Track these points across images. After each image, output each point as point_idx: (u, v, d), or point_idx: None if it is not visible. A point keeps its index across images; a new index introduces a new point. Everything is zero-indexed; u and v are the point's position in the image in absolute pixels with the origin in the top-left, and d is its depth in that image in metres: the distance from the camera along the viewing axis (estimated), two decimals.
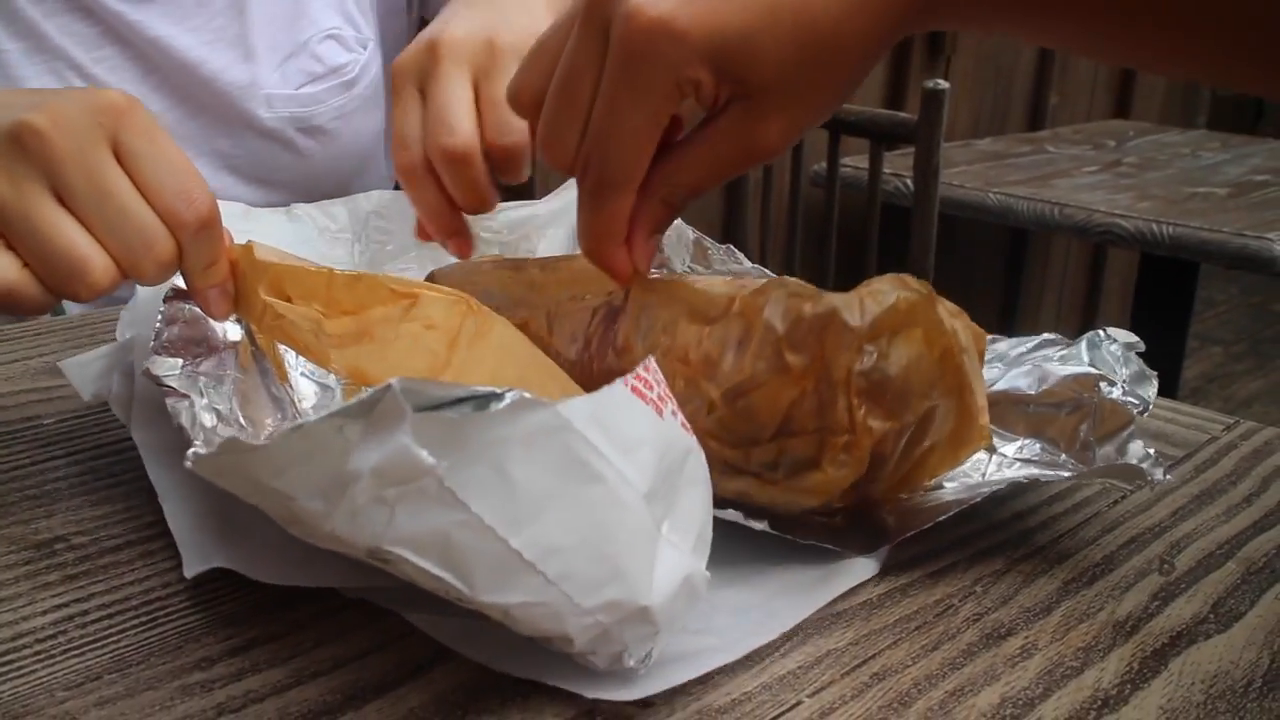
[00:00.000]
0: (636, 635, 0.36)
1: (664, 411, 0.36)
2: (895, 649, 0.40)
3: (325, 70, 0.85)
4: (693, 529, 0.37)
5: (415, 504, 0.32)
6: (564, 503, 0.33)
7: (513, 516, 0.33)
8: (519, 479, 0.33)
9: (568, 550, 0.34)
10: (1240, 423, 0.60)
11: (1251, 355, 3.34)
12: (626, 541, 0.34)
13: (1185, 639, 0.41)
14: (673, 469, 0.36)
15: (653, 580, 0.35)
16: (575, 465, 0.33)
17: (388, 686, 0.37)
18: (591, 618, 0.35)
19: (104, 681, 0.37)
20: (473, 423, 0.32)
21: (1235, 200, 1.68)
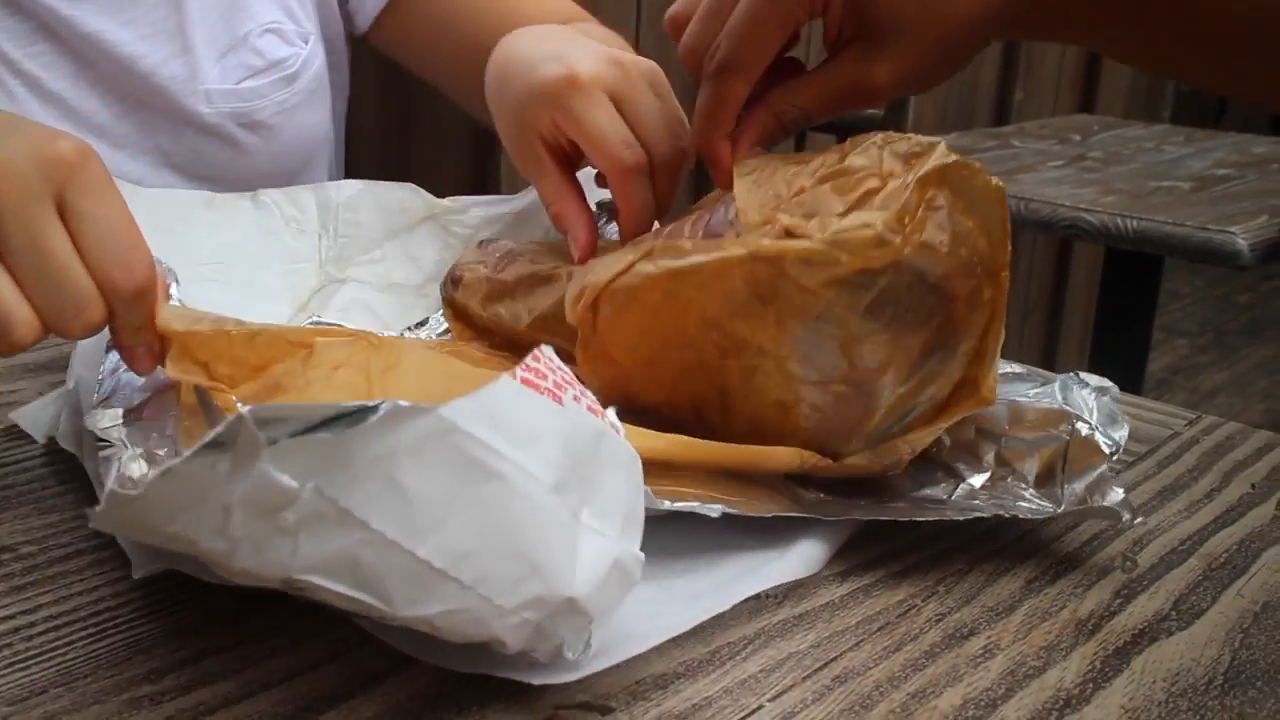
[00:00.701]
0: (570, 627, 0.35)
1: (563, 399, 0.35)
2: (857, 651, 0.40)
3: (266, 64, 0.84)
4: (618, 512, 0.36)
5: (316, 529, 0.32)
6: (464, 505, 0.32)
7: (415, 527, 0.32)
8: (413, 488, 0.32)
9: (478, 552, 0.33)
10: (1203, 418, 0.60)
11: (1216, 347, 3.37)
12: (538, 535, 0.34)
13: (1147, 637, 0.41)
14: (583, 455, 0.35)
15: (575, 570, 0.34)
16: (469, 465, 0.32)
17: (341, 697, 0.37)
18: (517, 616, 0.34)
19: (49, 695, 0.36)
20: (352, 439, 0.31)
21: (1199, 194, 1.69)
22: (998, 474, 0.49)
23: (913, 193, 0.43)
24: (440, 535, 0.32)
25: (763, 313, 0.44)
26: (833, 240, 0.42)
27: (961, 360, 0.46)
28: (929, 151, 0.43)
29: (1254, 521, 0.50)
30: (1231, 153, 2.01)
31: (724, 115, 0.52)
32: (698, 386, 0.47)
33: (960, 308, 0.44)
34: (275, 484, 0.31)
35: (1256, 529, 0.49)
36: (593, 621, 0.35)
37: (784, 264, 0.42)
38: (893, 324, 0.43)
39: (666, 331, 0.46)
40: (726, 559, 0.44)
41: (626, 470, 0.37)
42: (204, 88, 0.82)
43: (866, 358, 0.44)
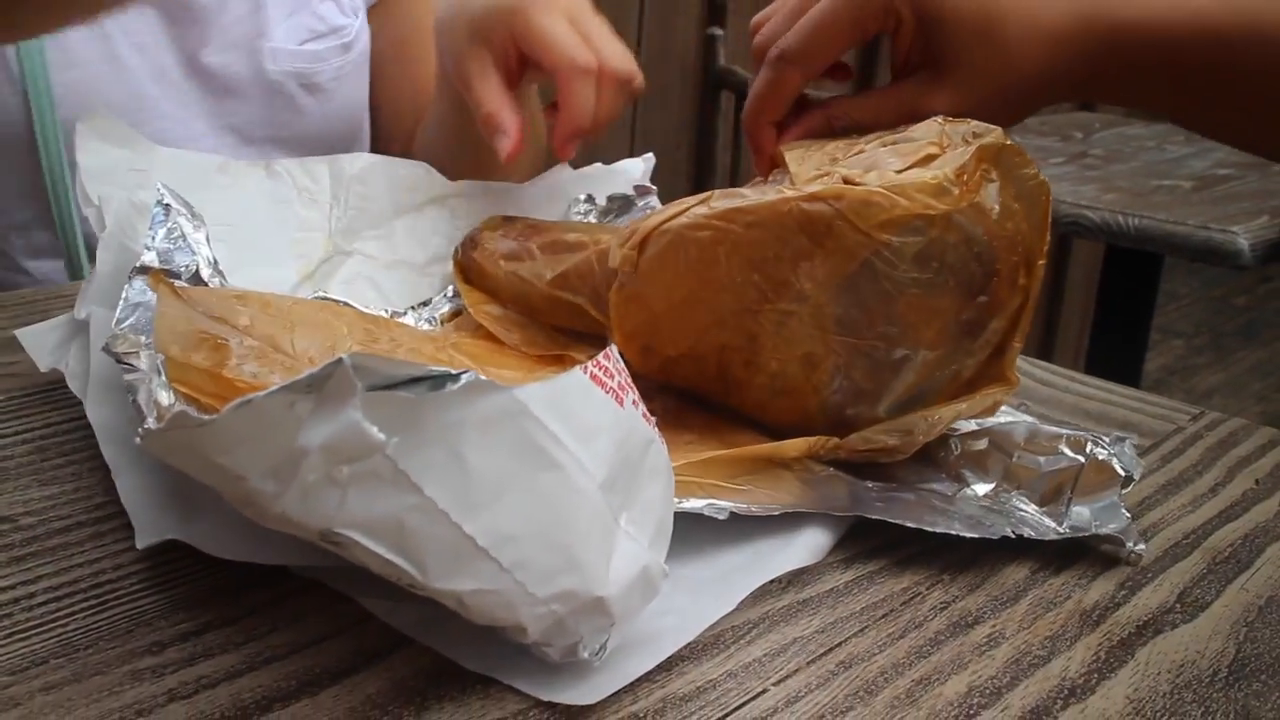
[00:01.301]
0: (591, 626, 0.35)
1: (624, 401, 0.35)
2: (862, 637, 0.40)
3: (327, 29, 0.87)
4: (651, 521, 0.36)
5: (368, 486, 0.32)
6: (520, 489, 0.32)
7: (467, 502, 0.32)
8: (474, 463, 0.32)
9: (522, 538, 0.33)
10: (1206, 413, 0.60)
11: (1212, 348, 3.38)
12: (583, 531, 0.34)
13: (1152, 628, 0.41)
14: (632, 459, 0.35)
15: (609, 571, 0.34)
16: (532, 451, 0.32)
17: (345, 673, 0.36)
18: (545, 607, 0.34)
19: (50, 666, 0.36)
20: (428, 404, 0.31)
21: (1200, 193, 1.69)
22: (1002, 487, 0.48)
23: (972, 157, 0.44)
24: (490, 514, 0.32)
25: (811, 253, 0.44)
26: (892, 185, 0.44)
27: (991, 339, 0.46)
28: (988, 133, 0.46)
29: (1258, 517, 0.49)
30: (1232, 152, 2.01)
31: (776, 101, 0.54)
32: (727, 334, 0.47)
33: (1001, 285, 0.45)
34: (362, 433, 0.31)
35: (1261, 524, 0.49)
36: (614, 624, 0.35)
37: (842, 204, 0.43)
38: (936, 282, 0.44)
39: (708, 272, 0.46)
40: (731, 548, 0.44)
41: (664, 481, 0.37)
42: (271, 45, 0.84)
43: (905, 312, 0.44)
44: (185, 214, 0.52)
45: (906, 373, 0.45)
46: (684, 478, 0.44)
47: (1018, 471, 0.48)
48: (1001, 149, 0.45)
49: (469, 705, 0.35)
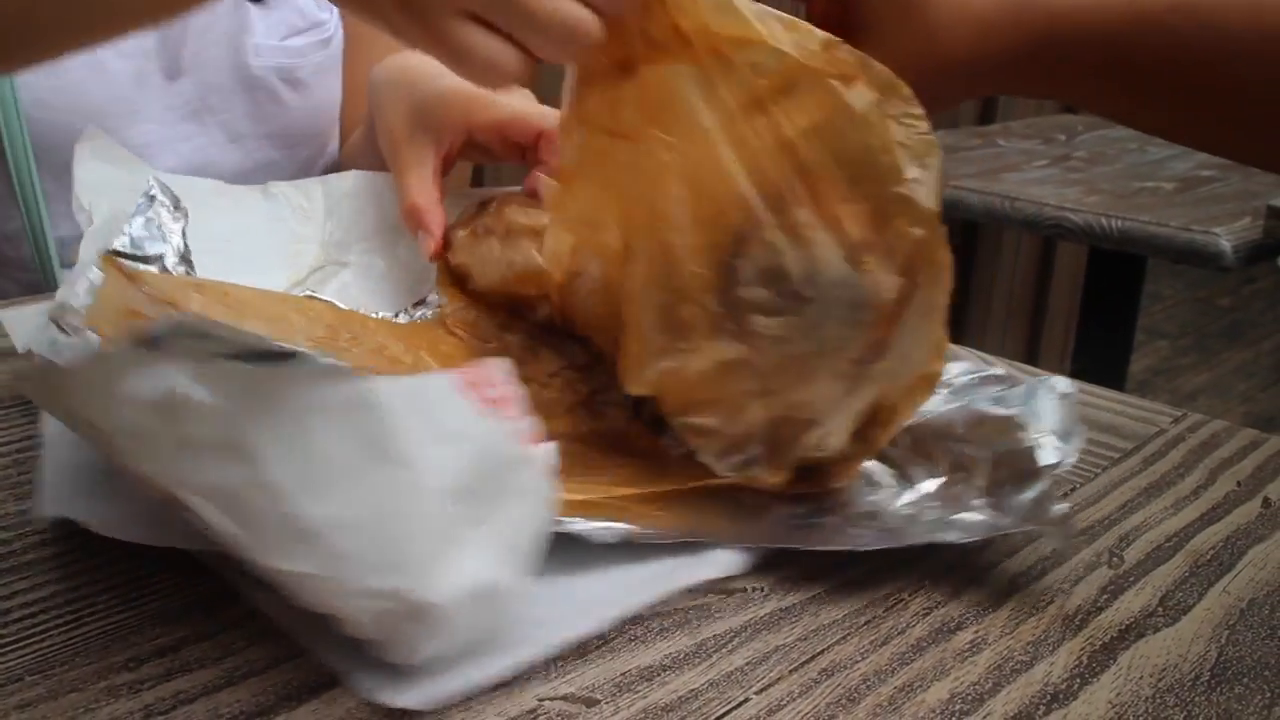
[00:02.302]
0: (420, 633, 0.35)
1: (499, 415, 0.35)
2: (844, 644, 0.40)
3: (307, 24, 0.87)
4: (512, 542, 0.36)
5: (216, 454, 0.32)
6: (358, 479, 0.32)
7: (306, 483, 0.32)
8: (319, 447, 0.32)
9: (354, 528, 0.33)
10: (1188, 415, 0.60)
11: (1197, 349, 3.39)
12: (419, 532, 0.33)
13: (1134, 632, 0.41)
14: (495, 475, 0.35)
15: (445, 580, 0.34)
16: (378, 444, 0.32)
17: (322, 687, 0.36)
18: (372, 601, 0.34)
19: (25, 683, 0.35)
20: (280, 381, 0.31)
21: (1182, 195, 1.69)
22: (952, 480, 0.47)
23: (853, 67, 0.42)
24: (326, 499, 0.32)
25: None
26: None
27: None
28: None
29: (1240, 519, 0.49)
30: None
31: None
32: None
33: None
34: (189, 396, 0.31)
35: (1242, 526, 0.49)
36: (440, 633, 0.35)
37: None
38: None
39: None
40: (635, 565, 0.43)
41: (534, 503, 0.37)
42: (253, 41, 0.84)
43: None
44: (168, 205, 0.53)
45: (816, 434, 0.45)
46: (598, 499, 0.44)
47: (965, 461, 0.47)
48: (892, 83, 0.42)
49: (448, 716, 0.35)
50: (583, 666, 0.38)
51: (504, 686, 0.36)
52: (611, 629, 0.40)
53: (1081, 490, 0.51)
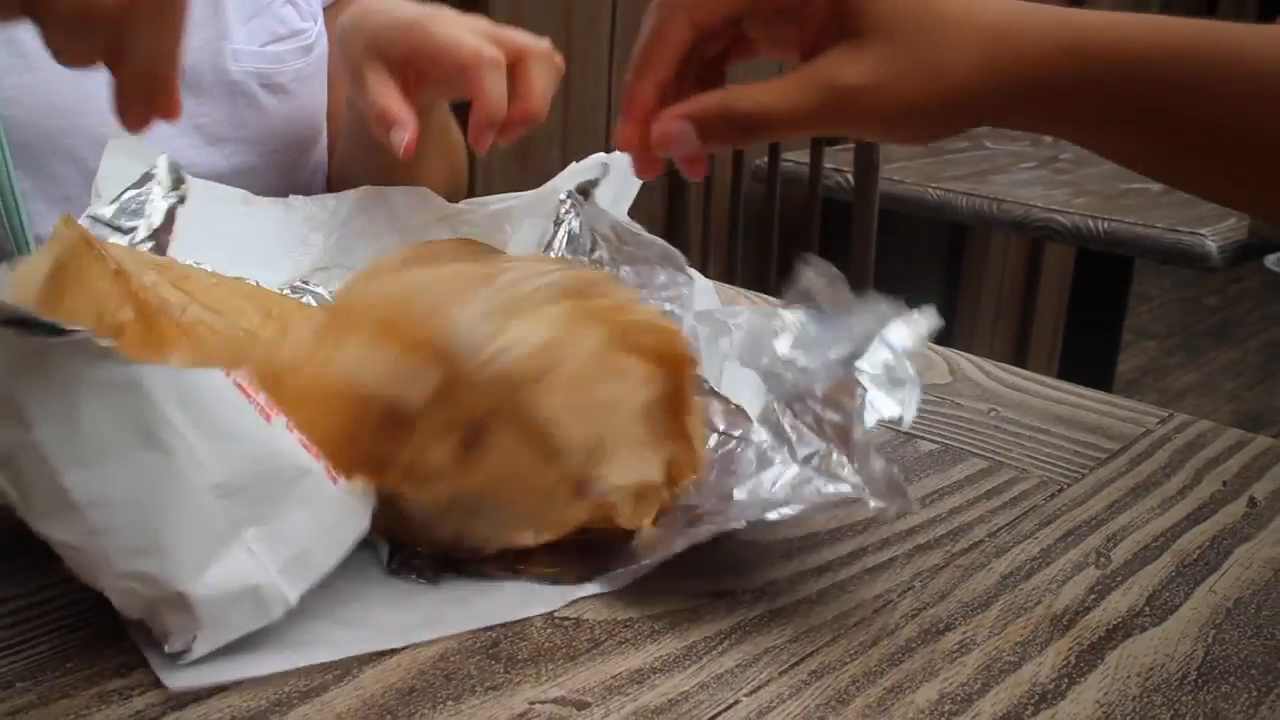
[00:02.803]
0: (177, 622, 0.35)
1: (271, 419, 0.36)
2: (833, 646, 0.40)
3: (287, 32, 0.88)
4: (289, 549, 0.37)
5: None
6: (123, 459, 0.33)
7: (72, 455, 0.33)
8: (87, 422, 0.33)
9: (115, 506, 0.34)
10: (1175, 416, 0.60)
11: (1184, 349, 3.40)
12: (178, 521, 0.34)
13: (1121, 632, 0.41)
14: (273, 480, 0.36)
15: (203, 573, 0.35)
16: (141, 428, 0.33)
17: (315, 691, 0.36)
18: (126, 583, 0.35)
19: (15, 690, 0.35)
20: (57, 353, 0.32)
21: (1169, 196, 1.70)
22: (829, 449, 0.45)
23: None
24: (90, 473, 0.33)
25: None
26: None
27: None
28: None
29: (1226, 518, 0.50)
30: None
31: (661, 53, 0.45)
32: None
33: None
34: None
35: (1228, 526, 0.49)
36: (200, 627, 0.35)
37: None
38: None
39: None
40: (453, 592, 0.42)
41: (316, 514, 0.37)
42: (231, 47, 0.84)
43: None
44: (163, 185, 0.55)
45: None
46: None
47: (831, 429, 0.45)
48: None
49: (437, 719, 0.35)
50: (573, 669, 0.38)
51: (493, 689, 0.37)
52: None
53: (1069, 491, 0.52)
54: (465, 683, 0.37)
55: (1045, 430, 0.58)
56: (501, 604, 0.41)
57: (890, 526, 0.48)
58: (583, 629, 0.40)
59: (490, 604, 0.41)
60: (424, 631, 0.39)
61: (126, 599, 0.35)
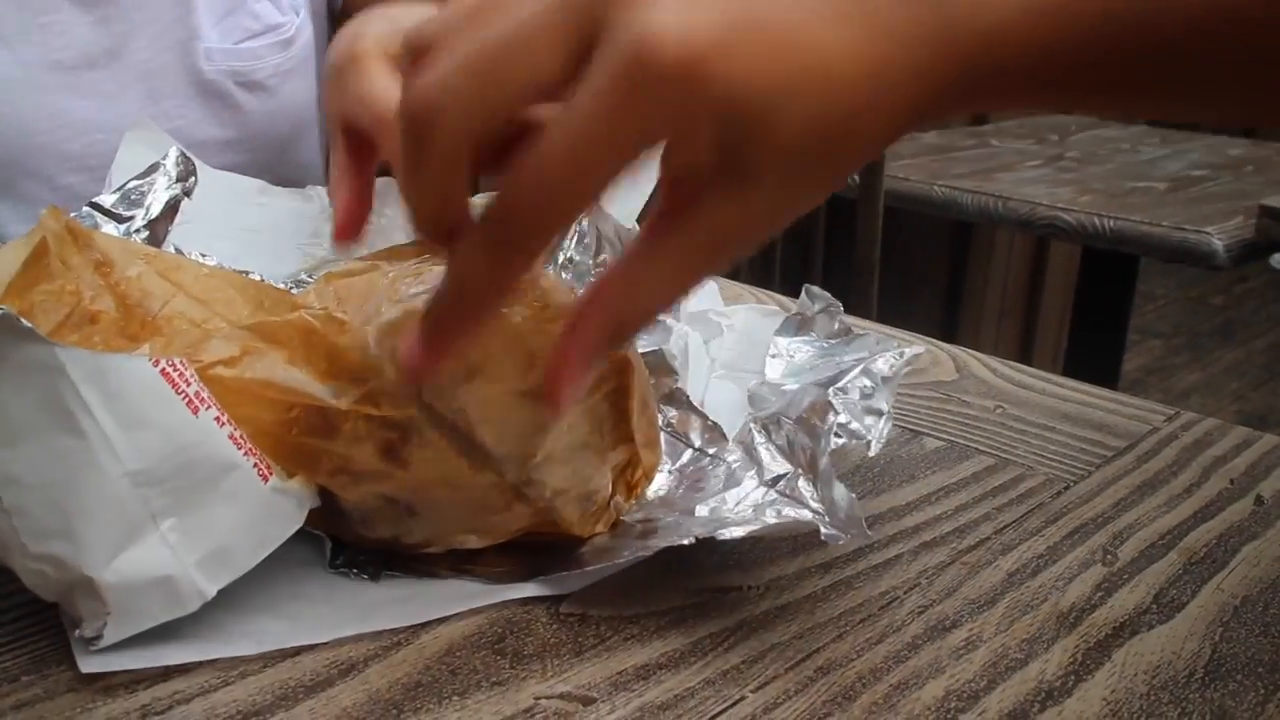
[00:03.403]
0: (88, 608, 0.36)
1: (199, 411, 0.36)
2: (840, 642, 0.40)
3: (263, 28, 0.86)
4: (209, 543, 0.36)
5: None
6: (37, 440, 0.34)
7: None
8: (4, 400, 0.33)
9: (27, 488, 0.34)
10: (1181, 414, 0.60)
11: (1189, 349, 3.40)
12: (90, 507, 0.34)
13: (1128, 629, 0.41)
14: (194, 470, 0.36)
15: (113, 558, 0.35)
16: (58, 410, 0.34)
17: (320, 686, 0.36)
18: (36, 564, 0.35)
19: (21, 684, 0.35)
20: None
21: (1174, 195, 1.70)
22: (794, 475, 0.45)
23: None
24: (5, 452, 0.34)
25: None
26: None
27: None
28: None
29: (1233, 516, 0.50)
30: (1207, 154, 2.03)
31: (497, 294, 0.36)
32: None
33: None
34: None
35: (1235, 524, 0.49)
36: (110, 614, 0.36)
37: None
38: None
39: None
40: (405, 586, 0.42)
41: (239, 512, 0.37)
42: (204, 46, 0.83)
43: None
44: (170, 175, 0.55)
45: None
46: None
47: (799, 453, 0.45)
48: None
49: (446, 717, 0.35)
50: (579, 665, 0.38)
51: (499, 685, 0.36)
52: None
53: (1075, 489, 0.52)
54: (471, 678, 0.37)
55: (1052, 428, 0.58)
56: (435, 602, 0.40)
57: (896, 523, 0.48)
58: (588, 624, 0.40)
59: (426, 601, 0.41)
60: (356, 625, 0.39)
61: (39, 580, 0.36)
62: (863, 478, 0.52)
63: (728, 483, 0.46)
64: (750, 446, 0.46)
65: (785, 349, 0.50)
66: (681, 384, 0.51)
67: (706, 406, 0.51)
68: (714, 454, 0.48)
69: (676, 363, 0.52)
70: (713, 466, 0.48)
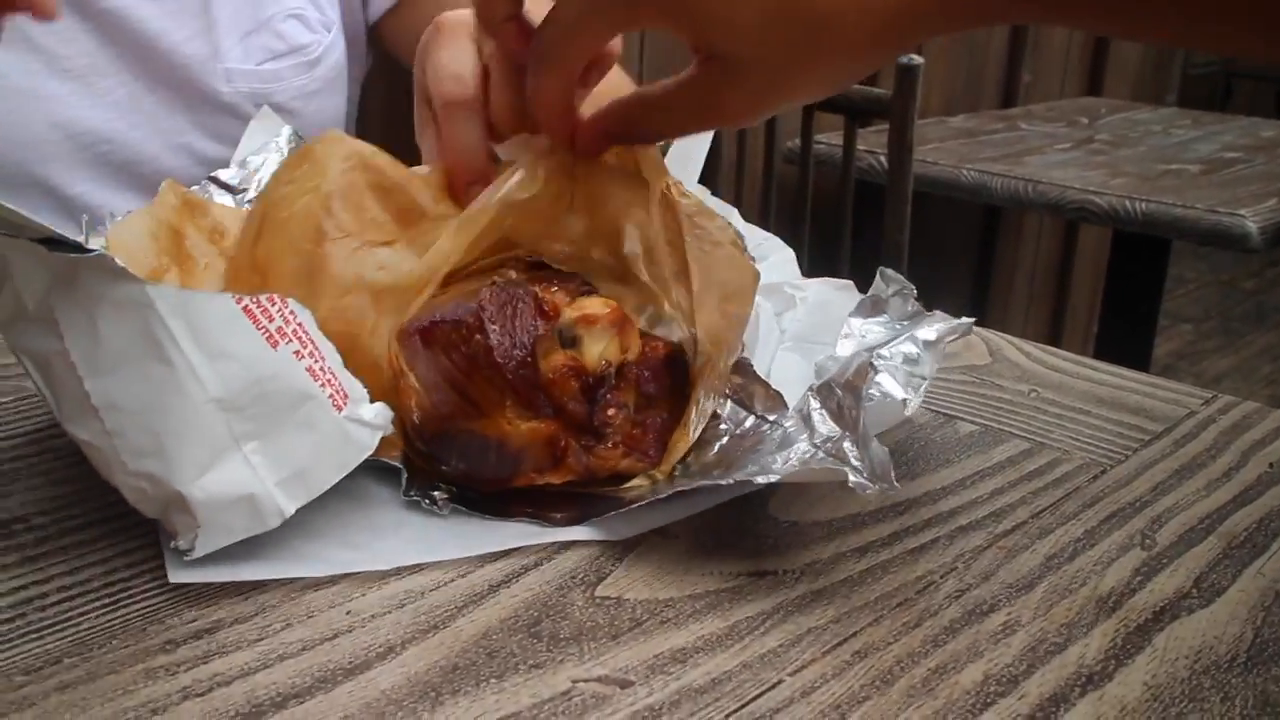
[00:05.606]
0: (181, 521, 0.39)
1: (279, 345, 0.39)
2: (876, 626, 0.39)
3: (287, 48, 0.84)
4: (288, 466, 0.39)
5: (38, 325, 0.38)
6: (132, 368, 0.37)
7: (93, 363, 0.37)
8: (104, 333, 0.37)
9: (125, 411, 0.38)
10: (1219, 397, 0.60)
11: (1221, 333, 3.37)
12: (177, 428, 0.38)
13: (1169, 614, 0.41)
14: (273, 399, 0.39)
15: (201, 476, 0.38)
16: (150, 341, 0.37)
17: (358, 669, 0.36)
18: (134, 480, 0.39)
19: (64, 665, 0.36)
20: (81, 268, 0.37)
21: (1207, 177, 1.68)
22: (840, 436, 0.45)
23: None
24: (106, 380, 0.38)
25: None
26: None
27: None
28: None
29: (1273, 500, 0.49)
30: (1240, 136, 2.01)
31: (546, 102, 0.46)
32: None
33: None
34: (10, 269, 0.39)
35: (1276, 508, 0.49)
36: (200, 528, 0.39)
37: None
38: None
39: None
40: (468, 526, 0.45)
41: (319, 439, 0.40)
42: (224, 66, 0.81)
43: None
44: (281, 150, 0.61)
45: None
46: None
47: (847, 415, 0.45)
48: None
49: (483, 699, 0.35)
50: (615, 648, 0.38)
51: (536, 668, 0.37)
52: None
53: (1112, 472, 0.51)
54: (508, 660, 0.37)
55: (1087, 411, 0.58)
56: (496, 538, 0.44)
57: (932, 507, 0.47)
58: (624, 608, 0.40)
59: (487, 537, 0.44)
60: (412, 555, 0.42)
61: (138, 496, 0.39)
62: (897, 461, 0.51)
63: (781, 445, 0.46)
64: (806, 413, 0.46)
65: (858, 330, 0.51)
66: (749, 354, 0.53)
67: (772, 376, 0.52)
68: (773, 420, 0.49)
69: (745, 333, 0.53)
70: (770, 431, 0.49)
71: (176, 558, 0.40)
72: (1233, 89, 4.67)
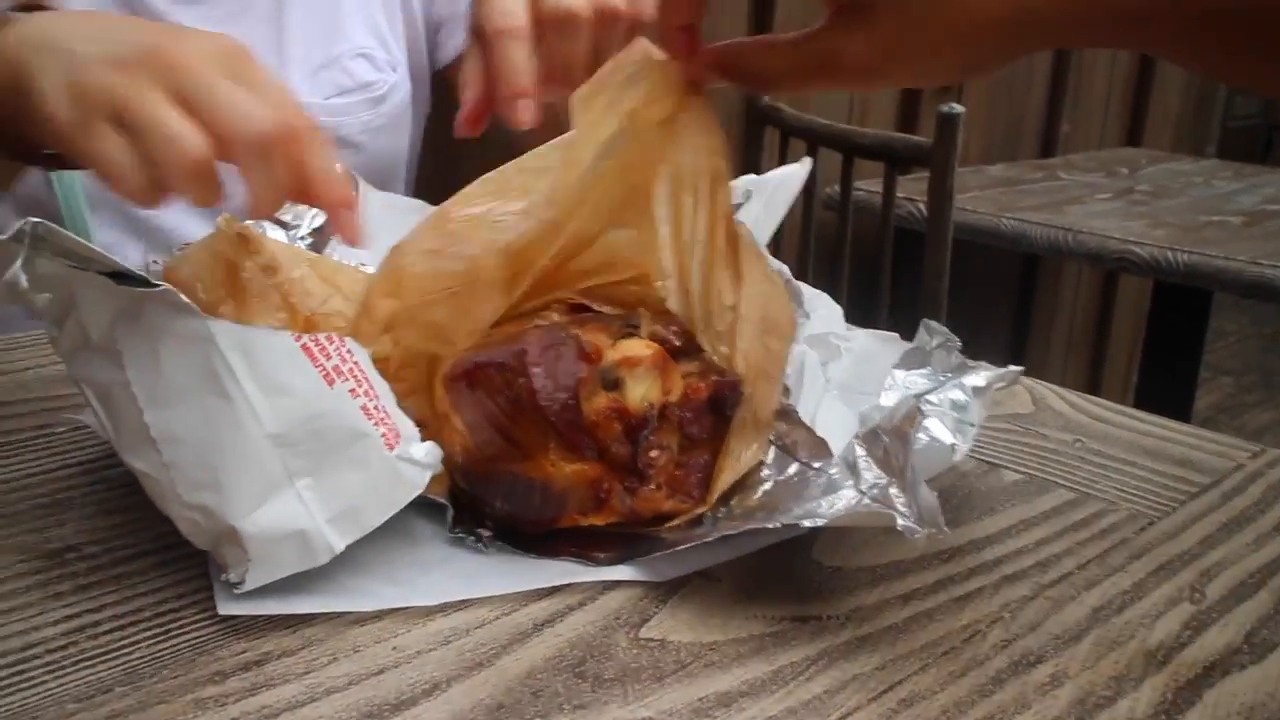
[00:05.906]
0: (232, 554, 0.40)
1: (335, 383, 0.39)
2: (923, 674, 0.39)
3: (355, 85, 0.86)
4: (339, 503, 0.40)
5: (101, 355, 0.39)
6: (192, 402, 0.38)
7: (152, 395, 0.38)
8: (166, 366, 0.38)
9: (183, 444, 0.39)
10: (1266, 450, 0.59)
11: (1262, 387, 3.33)
12: (232, 463, 0.38)
13: (1220, 669, 0.40)
14: (327, 436, 0.39)
15: (254, 511, 0.39)
16: (209, 375, 0.38)
17: (405, 704, 0.36)
18: (189, 512, 0.39)
19: (115, 694, 0.36)
20: (145, 303, 0.38)
21: (1250, 229, 1.67)
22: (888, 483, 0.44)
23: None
24: (166, 412, 0.38)
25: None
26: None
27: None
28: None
29: None
30: None
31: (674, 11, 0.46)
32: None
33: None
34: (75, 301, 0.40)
35: None
36: (251, 562, 0.39)
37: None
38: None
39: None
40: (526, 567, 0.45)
41: (371, 477, 0.41)
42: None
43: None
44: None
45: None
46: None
47: (894, 462, 0.45)
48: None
49: None
50: (660, 690, 0.38)
51: (581, 708, 0.37)
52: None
53: (1159, 524, 0.51)
54: (553, 700, 0.37)
55: (1132, 462, 0.57)
56: (539, 575, 0.44)
57: (977, 555, 0.47)
58: (668, 650, 0.40)
59: (530, 574, 0.44)
60: (457, 591, 0.42)
61: (192, 528, 0.40)
62: (941, 509, 0.51)
63: (826, 490, 0.46)
64: (851, 461, 0.46)
65: (902, 381, 0.51)
66: (794, 401, 0.53)
67: (817, 424, 0.52)
68: (819, 467, 0.49)
69: (790, 380, 0.53)
70: (815, 477, 0.49)
71: (226, 590, 0.41)
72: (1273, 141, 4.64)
